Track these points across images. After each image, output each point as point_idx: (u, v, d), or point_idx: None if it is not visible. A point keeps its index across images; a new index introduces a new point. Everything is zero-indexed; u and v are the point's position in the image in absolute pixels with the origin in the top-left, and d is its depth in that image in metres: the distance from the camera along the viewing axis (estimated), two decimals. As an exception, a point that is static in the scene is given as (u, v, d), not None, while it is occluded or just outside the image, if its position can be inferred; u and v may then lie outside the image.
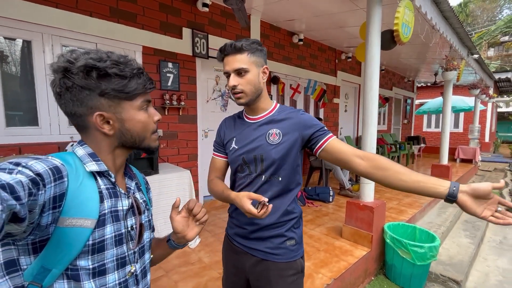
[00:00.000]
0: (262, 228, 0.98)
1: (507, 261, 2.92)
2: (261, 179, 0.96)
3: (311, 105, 5.34)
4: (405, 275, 2.28)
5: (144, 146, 0.64)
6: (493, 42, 19.65)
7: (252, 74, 0.92)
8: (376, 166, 0.83)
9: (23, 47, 2.27)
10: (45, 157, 0.51)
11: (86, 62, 0.53)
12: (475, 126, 7.66)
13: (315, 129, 0.93)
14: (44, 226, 0.48)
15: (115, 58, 0.56)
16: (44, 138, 2.32)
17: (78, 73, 0.54)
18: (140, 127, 0.62)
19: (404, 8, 2.29)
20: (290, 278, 0.97)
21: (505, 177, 6.73)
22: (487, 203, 0.70)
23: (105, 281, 0.57)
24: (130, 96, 0.59)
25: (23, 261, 0.51)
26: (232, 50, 0.90)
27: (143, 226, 0.67)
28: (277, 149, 0.94)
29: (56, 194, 0.49)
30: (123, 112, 0.59)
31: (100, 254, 0.56)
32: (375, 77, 2.37)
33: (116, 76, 0.56)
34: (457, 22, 3.47)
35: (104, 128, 0.59)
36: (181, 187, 2.45)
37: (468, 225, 3.63)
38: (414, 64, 6.80)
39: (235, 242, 1.04)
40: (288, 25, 4.27)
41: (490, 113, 11.08)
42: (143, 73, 0.61)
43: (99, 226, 0.56)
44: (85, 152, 0.59)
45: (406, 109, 9.27)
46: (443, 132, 4.77)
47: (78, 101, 0.56)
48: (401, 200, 3.83)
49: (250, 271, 1.00)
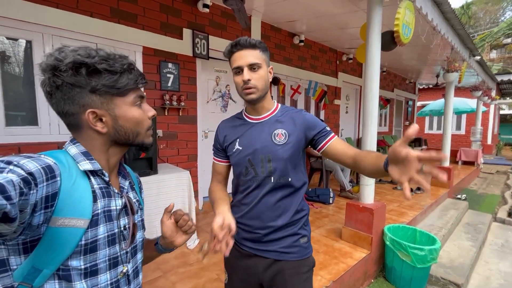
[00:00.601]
0: (276, 230, 0.97)
1: (509, 264, 2.89)
2: (270, 180, 0.94)
3: (312, 106, 5.33)
4: (405, 278, 2.26)
5: (138, 142, 0.63)
6: (496, 44, 19.54)
7: (264, 70, 0.93)
8: (360, 159, 0.84)
9: (26, 47, 2.28)
10: (37, 155, 0.50)
11: (75, 58, 0.53)
12: (477, 128, 7.62)
13: (319, 130, 0.95)
14: (36, 226, 0.48)
15: (104, 54, 0.56)
16: (44, 138, 2.32)
17: (67, 71, 0.53)
18: (134, 123, 0.61)
19: (404, 9, 2.28)
20: (305, 275, 0.99)
21: (507, 180, 6.67)
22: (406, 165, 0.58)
23: (97, 282, 0.57)
24: (121, 91, 0.58)
25: (13, 261, 0.50)
26: (248, 45, 0.90)
27: (136, 226, 0.67)
28: (284, 149, 0.94)
29: (48, 194, 0.48)
30: (116, 109, 0.58)
31: (93, 254, 0.55)
32: (375, 78, 2.36)
33: (106, 72, 0.55)
34: (459, 24, 3.46)
35: (97, 125, 0.58)
36: (180, 187, 2.44)
37: (470, 228, 3.59)
38: (416, 65, 6.78)
39: (245, 247, 1.01)
40: (289, 26, 4.27)
41: (493, 115, 11.01)
42: (134, 68, 0.60)
43: (92, 226, 0.55)
44: (78, 151, 0.58)
45: (408, 110, 9.24)
46: (444, 134, 4.74)
47: (69, 99, 0.55)
48: (402, 202, 3.80)
49: (263, 274, 0.98)
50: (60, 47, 0.55)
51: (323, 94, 4.81)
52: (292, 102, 4.84)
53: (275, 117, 0.98)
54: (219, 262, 2.13)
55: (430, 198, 4.02)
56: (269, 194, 0.95)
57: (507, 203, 4.75)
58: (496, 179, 7.01)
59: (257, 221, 0.97)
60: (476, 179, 6.97)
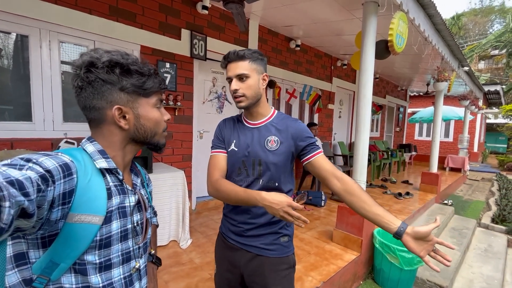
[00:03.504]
0: (258, 227, 1.02)
1: (491, 268, 3.00)
2: (258, 182, 1.01)
3: (306, 110, 5.40)
4: (393, 280, 2.33)
5: (154, 141, 0.67)
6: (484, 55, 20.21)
7: (253, 79, 0.98)
8: (347, 190, 0.93)
9: (16, 40, 2.25)
10: (54, 153, 0.53)
11: (111, 57, 0.57)
12: (464, 136, 7.86)
13: (308, 143, 1.02)
14: (54, 221, 0.50)
15: (134, 58, 0.61)
16: (38, 134, 2.30)
17: (103, 68, 0.57)
18: (154, 123, 0.65)
19: (398, 19, 2.37)
20: (283, 272, 1.03)
21: (492, 187, 6.90)
22: (427, 243, 0.80)
23: (110, 276, 0.59)
24: (147, 93, 0.63)
25: (32, 254, 0.52)
26: (235, 57, 0.98)
27: (148, 222, 0.70)
28: (274, 155, 1.00)
29: (65, 191, 0.50)
30: (140, 108, 0.63)
31: (107, 249, 0.58)
32: (369, 84, 2.44)
33: (136, 73, 0.60)
34: (449, 35, 3.59)
35: (121, 121, 0.61)
36: (175, 187, 2.45)
37: (455, 233, 3.71)
38: (407, 73, 6.96)
39: (230, 239, 1.08)
40: (286, 31, 4.34)
41: (479, 124, 11.37)
42: (158, 74, 0.65)
43: (106, 223, 0.57)
44: (95, 149, 0.60)
45: (399, 117, 9.45)
46: (433, 141, 4.88)
47: (99, 94, 0.59)
48: (391, 207, 3.90)
49: (245, 267, 1.04)
50: (94, 48, 0.60)
51: (317, 98, 4.89)
52: (287, 105, 4.90)
53: (270, 123, 1.04)
54: (211, 262, 2.15)
55: (418, 203, 4.14)
56: None
57: (491, 209, 4.93)
58: (481, 186, 7.24)
59: (242, 216, 1.03)
60: (462, 186, 7.18)
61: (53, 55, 2.35)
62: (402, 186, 5.41)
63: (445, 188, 5.41)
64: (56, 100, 2.39)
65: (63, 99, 2.43)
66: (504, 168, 9.84)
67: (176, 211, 2.47)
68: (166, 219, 2.41)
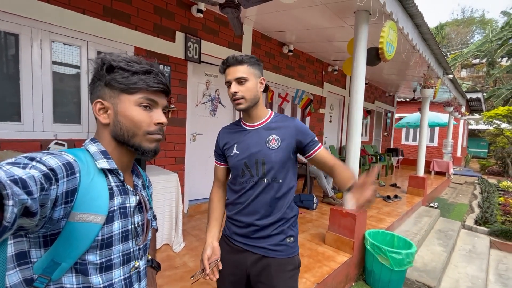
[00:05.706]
0: (265, 228, 1.04)
1: (476, 268, 3.12)
2: (263, 182, 1.03)
3: (298, 114, 5.47)
4: (384, 281, 2.38)
5: (133, 143, 0.62)
6: (466, 63, 21.11)
7: (251, 83, 1.02)
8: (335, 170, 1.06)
9: (5, 38, 2.18)
10: (58, 152, 0.53)
11: (103, 58, 0.60)
12: (448, 141, 8.14)
13: (309, 139, 1.06)
14: (56, 220, 0.50)
15: (131, 58, 0.62)
16: (26, 135, 2.23)
17: (97, 67, 0.61)
18: (130, 122, 0.61)
19: (388, 28, 2.46)
20: (289, 273, 1.05)
21: (474, 190, 7.18)
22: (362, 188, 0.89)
23: (111, 276, 0.59)
24: (128, 89, 0.60)
25: (33, 253, 0.52)
26: (234, 62, 1.01)
27: (149, 223, 0.70)
28: (276, 153, 1.03)
29: (68, 189, 0.50)
30: (120, 104, 0.61)
31: (108, 249, 0.58)
32: (360, 90, 2.51)
33: (120, 69, 0.61)
34: (435, 44, 3.74)
35: (100, 115, 0.61)
36: (168, 190, 2.43)
37: (441, 234, 3.84)
38: (395, 80, 7.18)
39: (235, 242, 1.09)
40: (279, 36, 4.40)
41: (462, 129, 11.82)
42: (151, 73, 0.62)
43: (108, 222, 0.58)
44: (97, 149, 0.61)
45: (387, 122, 9.70)
46: (420, 146, 5.04)
47: (94, 91, 0.63)
48: (381, 209, 3.99)
49: (251, 268, 1.05)
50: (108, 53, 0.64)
51: (308, 102, 4.97)
52: (280, 109, 4.95)
53: (269, 124, 1.08)
54: (206, 265, 2.13)
55: (406, 206, 4.25)
56: (262, 194, 1.04)
57: (474, 212, 5.12)
58: (464, 189, 7.52)
59: (249, 218, 1.05)
60: (447, 189, 7.43)
61: (44, 54, 2.30)
62: (391, 189, 5.54)
63: (431, 191, 5.58)
64: (46, 101, 2.33)
65: (54, 100, 2.38)
66: (486, 172, 10.25)
67: (169, 214, 2.44)
68: (159, 222, 2.38)
